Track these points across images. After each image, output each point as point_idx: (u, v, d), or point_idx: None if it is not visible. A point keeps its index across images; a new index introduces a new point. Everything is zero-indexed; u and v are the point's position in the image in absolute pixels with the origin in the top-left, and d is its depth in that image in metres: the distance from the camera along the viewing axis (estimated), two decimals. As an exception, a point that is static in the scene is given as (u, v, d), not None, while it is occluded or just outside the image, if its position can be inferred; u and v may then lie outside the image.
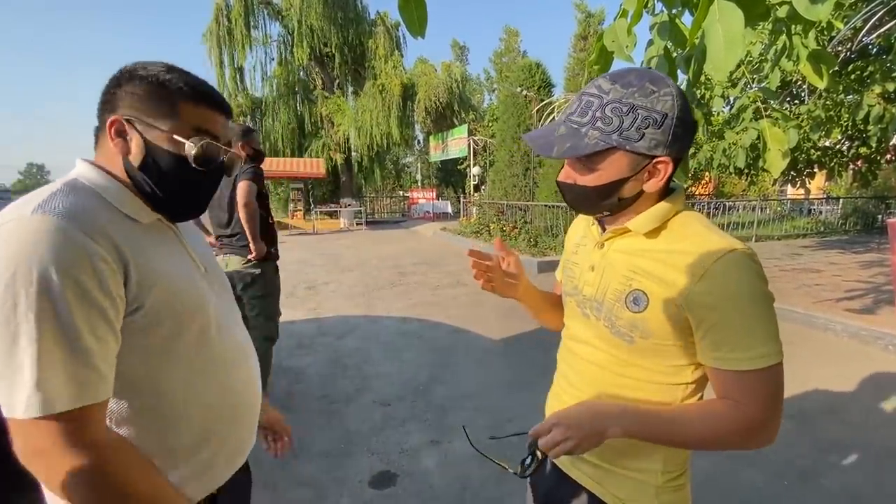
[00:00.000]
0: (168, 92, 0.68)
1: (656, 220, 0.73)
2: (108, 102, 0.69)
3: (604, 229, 0.83)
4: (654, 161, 0.69)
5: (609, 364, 0.78)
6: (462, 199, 15.76)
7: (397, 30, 16.42)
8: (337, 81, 17.21)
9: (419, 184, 23.34)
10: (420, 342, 3.99)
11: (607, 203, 0.74)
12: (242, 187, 2.49)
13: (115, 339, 0.61)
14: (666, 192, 0.76)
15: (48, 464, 0.57)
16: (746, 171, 6.78)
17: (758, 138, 3.38)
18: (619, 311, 0.74)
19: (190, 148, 0.69)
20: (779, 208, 14.35)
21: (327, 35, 15.35)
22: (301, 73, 17.01)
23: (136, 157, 0.69)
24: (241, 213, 2.50)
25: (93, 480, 0.58)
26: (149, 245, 0.68)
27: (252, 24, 15.33)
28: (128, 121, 0.68)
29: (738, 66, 2.97)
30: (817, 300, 4.79)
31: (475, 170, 15.52)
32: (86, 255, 0.57)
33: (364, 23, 16.32)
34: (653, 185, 0.71)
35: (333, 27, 15.31)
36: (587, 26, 15.25)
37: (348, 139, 16.46)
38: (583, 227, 0.92)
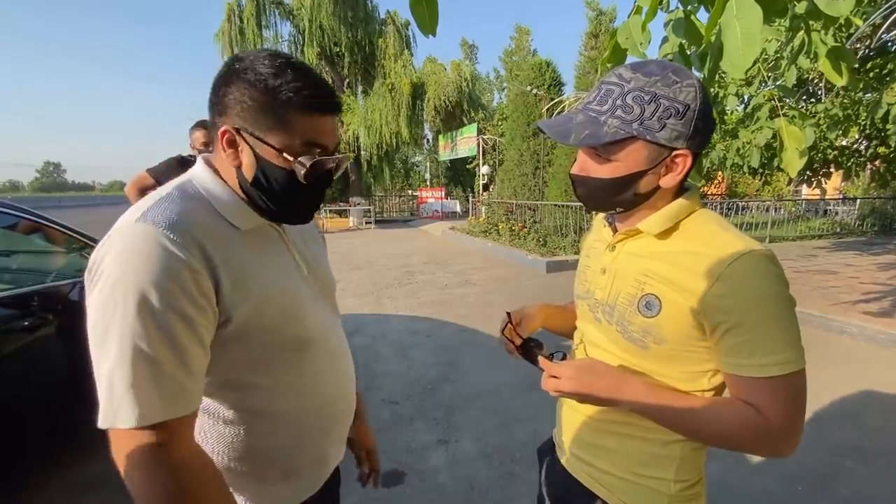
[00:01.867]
0: (278, 103, 0.64)
1: (669, 221, 0.71)
2: (218, 104, 0.67)
3: (615, 231, 0.80)
4: (674, 154, 0.67)
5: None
6: (471, 199, 15.73)
7: (407, 29, 16.43)
8: (347, 81, 17.27)
9: (428, 183, 23.36)
10: (428, 341, 3.99)
11: (622, 198, 0.71)
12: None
13: (204, 351, 0.62)
14: (680, 190, 0.74)
15: (138, 476, 0.56)
16: (760, 170, 6.67)
17: (773, 137, 3.32)
18: (631, 315, 0.72)
19: (300, 168, 0.67)
20: (793, 209, 14.09)
21: (337, 34, 15.42)
22: (311, 72, 17.09)
23: (248, 172, 0.68)
24: None
25: (172, 499, 0.56)
26: (247, 253, 0.68)
27: (263, 23, 15.45)
28: (237, 131, 0.66)
29: (754, 63, 2.92)
30: (833, 303, 4.69)
31: (484, 169, 15.47)
32: (178, 268, 0.58)
33: (374, 22, 16.36)
34: (670, 180, 0.69)
35: (343, 26, 15.37)
36: (598, 24, 15.11)
37: (358, 138, 16.51)
38: (596, 229, 0.90)
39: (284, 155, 0.66)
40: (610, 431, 0.78)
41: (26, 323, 1.66)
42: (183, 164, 2.61)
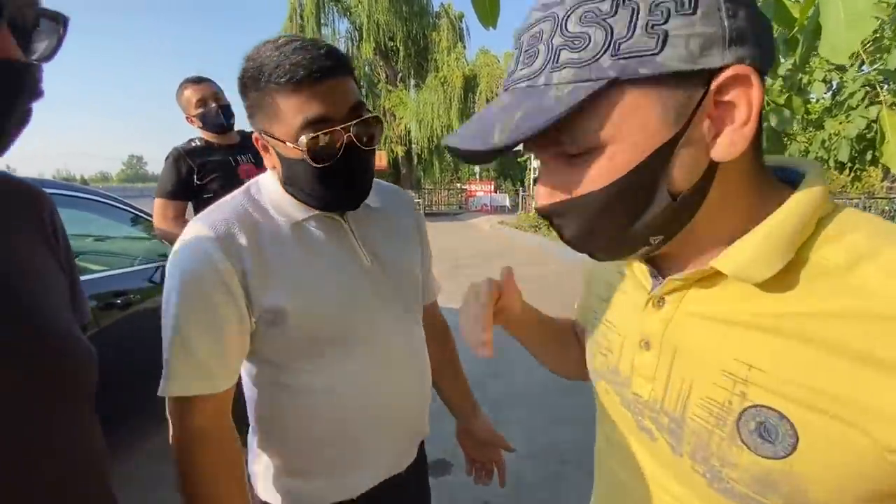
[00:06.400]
0: (265, 92, 0.60)
1: (787, 245, 0.34)
2: (247, 112, 0.68)
3: (659, 271, 0.44)
4: (717, 83, 0.32)
5: None
6: (521, 193, 15.48)
7: (461, 21, 16.39)
8: (400, 75, 17.54)
9: (477, 176, 23.25)
10: (476, 335, 3.99)
11: (651, 217, 0.36)
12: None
13: (238, 337, 0.67)
14: (759, 167, 0.38)
15: (171, 435, 0.67)
16: (850, 164, 6.00)
17: (866, 127, 2.97)
18: (728, 448, 0.36)
19: (302, 151, 0.61)
20: (887, 207, 12.60)
21: (393, 29, 15.68)
22: (366, 67, 17.55)
23: (278, 172, 0.69)
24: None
25: (182, 460, 0.66)
26: (293, 245, 0.68)
27: (322, 21, 16.04)
28: (262, 133, 0.66)
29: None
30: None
31: (535, 162, 15.15)
32: (213, 264, 0.64)
33: (428, 15, 16.46)
34: (732, 144, 0.34)
35: (399, 21, 15.60)
36: (663, 8, 14.22)
37: (409, 132, 16.76)
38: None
39: (287, 143, 0.61)
40: None
41: (119, 301, 1.84)
42: (182, 157, 1.88)
